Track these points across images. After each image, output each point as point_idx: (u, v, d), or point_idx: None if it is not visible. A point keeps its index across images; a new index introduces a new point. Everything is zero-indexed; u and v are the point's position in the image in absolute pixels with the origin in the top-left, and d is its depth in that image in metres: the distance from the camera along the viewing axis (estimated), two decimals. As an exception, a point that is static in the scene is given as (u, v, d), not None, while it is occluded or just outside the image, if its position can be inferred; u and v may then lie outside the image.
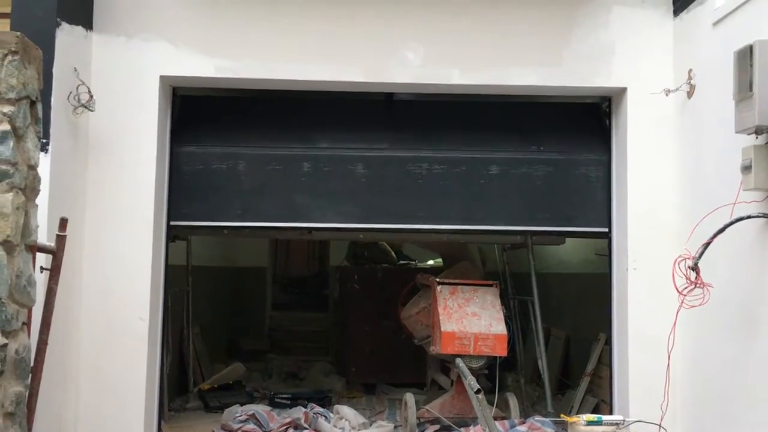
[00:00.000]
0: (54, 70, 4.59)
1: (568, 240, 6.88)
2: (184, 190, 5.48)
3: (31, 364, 3.90)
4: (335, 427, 5.80)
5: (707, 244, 4.12)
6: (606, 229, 5.51)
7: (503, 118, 5.67)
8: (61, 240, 4.19)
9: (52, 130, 4.57)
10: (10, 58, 3.58)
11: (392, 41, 5.26)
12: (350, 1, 5.25)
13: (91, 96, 4.91)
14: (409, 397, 5.95)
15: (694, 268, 4.12)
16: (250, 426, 5.60)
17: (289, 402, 6.61)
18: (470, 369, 5.54)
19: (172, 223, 5.43)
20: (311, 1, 5.24)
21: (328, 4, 5.24)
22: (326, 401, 6.75)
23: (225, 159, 5.50)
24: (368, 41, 5.26)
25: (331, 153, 5.52)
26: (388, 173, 5.55)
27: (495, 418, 5.34)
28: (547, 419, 5.66)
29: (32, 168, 3.80)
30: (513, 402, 5.93)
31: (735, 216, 4.07)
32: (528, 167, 5.58)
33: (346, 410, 6.06)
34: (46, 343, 4.06)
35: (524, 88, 5.40)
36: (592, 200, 5.56)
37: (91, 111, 4.94)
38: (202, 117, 5.59)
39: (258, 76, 5.24)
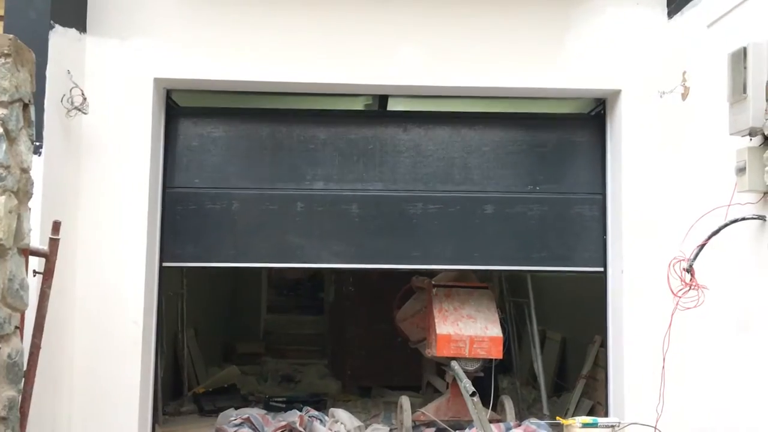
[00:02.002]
0: (47, 73, 4.58)
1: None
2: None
3: (24, 368, 3.87)
4: (330, 430, 5.78)
5: (702, 246, 4.13)
6: (601, 269, 5.50)
7: (497, 155, 5.60)
8: (54, 243, 4.17)
9: (45, 133, 4.55)
10: (2, 60, 3.56)
11: (386, 42, 5.24)
12: (347, 4, 5.24)
13: (85, 98, 4.90)
14: (405, 400, 5.95)
15: (689, 269, 4.12)
16: (245, 429, 5.58)
17: (284, 405, 6.60)
18: (466, 372, 5.54)
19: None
20: (307, 4, 5.23)
21: (324, 7, 5.23)
22: (321, 404, 6.74)
23: (217, 199, 5.50)
24: (364, 44, 5.24)
25: (325, 193, 5.49)
26: (382, 213, 5.52)
27: (490, 421, 5.34)
28: (542, 422, 5.66)
29: (25, 171, 3.78)
30: (508, 404, 5.93)
31: (730, 218, 4.08)
32: (523, 206, 5.54)
33: (341, 413, 6.05)
34: (39, 347, 4.04)
35: (518, 90, 5.40)
36: (588, 238, 5.52)
37: (85, 113, 4.92)
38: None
39: (252, 78, 5.22)
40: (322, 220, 5.47)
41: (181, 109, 5.59)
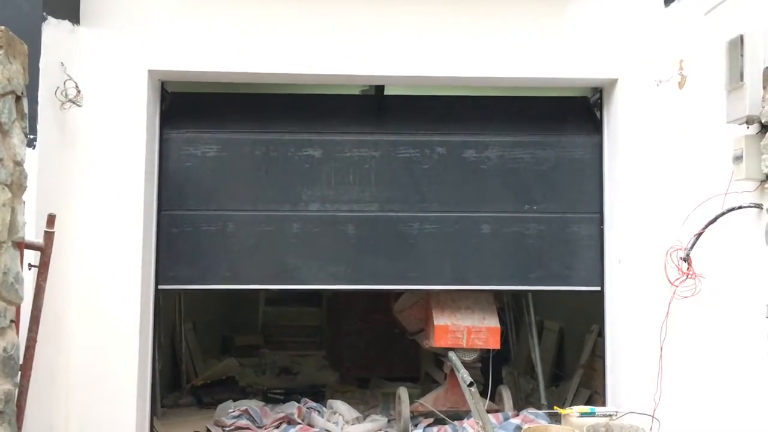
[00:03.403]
0: (41, 65, 4.56)
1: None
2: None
3: (20, 362, 3.86)
4: (328, 421, 5.79)
5: (699, 235, 4.12)
6: (599, 288, 5.50)
7: (494, 176, 5.57)
8: (49, 236, 4.16)
9: (39, 126, 4.53)
10: (-6, 52, 3.54)
11: (382, 32, 5.22)
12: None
13: (79, 91, 4.87)
14: (403, 391, 5.95)
15: (686, 258, 4.12)
16: (244, 421, 5.59)
17: (282, 397, 6.60)
18: (463, 362, 5.54)
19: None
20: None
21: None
22: (320, 396, 6.74)
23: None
24: (359, 32, 5.22)
25: (321, 214, 5.48)
26: (378, 233, 5.50)
27: (488, 411, 5.34)
28: (540, 411, 5.67)
29: (18, 164, 3.76)
30: (506, 395, 5.93)
31: (726, 206, 4.07)
32: (520, 226, 5.52)
33: (339, 405, 6.06)
34: (35, 341, 4.04)
35: (514, 79, 5.38)
36: (585, 258, 5.51)
37: (79, 106, 4.89)
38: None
39: (246, 70, 5.20)
40: (318, 241, 5.45)
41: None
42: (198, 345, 8.10)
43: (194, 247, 5.40)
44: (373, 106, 5.77)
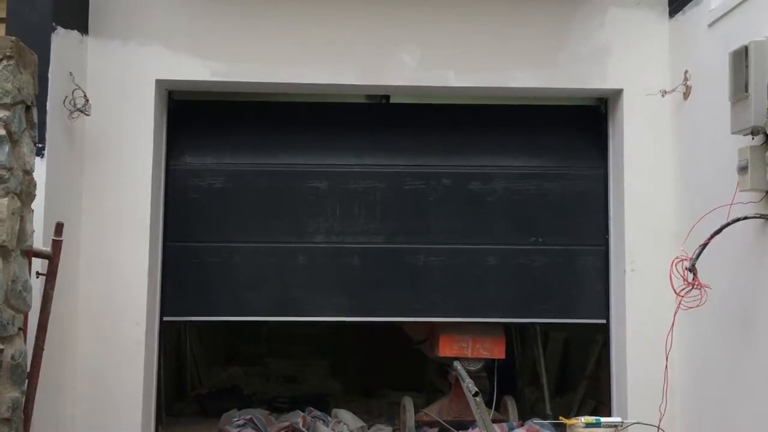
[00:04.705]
0: (49, 75, 4.58)
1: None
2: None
3: (28, 370, 3.88)
4: (333, 430, 5.78)
5: (704, 245, 4.12)
6: (604, 321, 5.50)
7: (497, 207, 5.57)
8: (57, 245, 4.18)
9: (47, 135, 4.55)
10: (5, 62, 3.58)
11: (388, 43, 5.25)
12: (348, 6, 5.24)
13: (87, 100, 4.90)
14: (408, 401, 5.94)
15: (692, 269, 4.11)
16: (248, 430, 5.58)
17: (287, 406, 6.59)
18: (468, 372, 5.53)
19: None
20: (307, 5, 5.23)
21: (325, 8, 5.23)
22: (324, 405, 6.73)
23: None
24: (365, 44, 5.25)
25: (327, 245, 5.48)
26: (384, 265, 5.49)
27: (493, 421, 5.32)
28: (545, 422, 5.65)
29: (28, 173, 3.79)
30: (511, 404, 5.92)
31: (732, 217, 4.07)
32: (526, 258, 5.52)
33: (344, 414, 6.05)
34: (42, 349, 4.05)
35: (520, 90, 5.40)
36: (591, 291, 5.51)
37: (87, 115, 4.93)
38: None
39: (253, 80, 5.24)
40: (323, 273, 5.46)
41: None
42: (203, 353, 8.11)
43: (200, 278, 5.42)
44: (382, 138, 5.70)
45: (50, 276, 4.15)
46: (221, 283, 5.42)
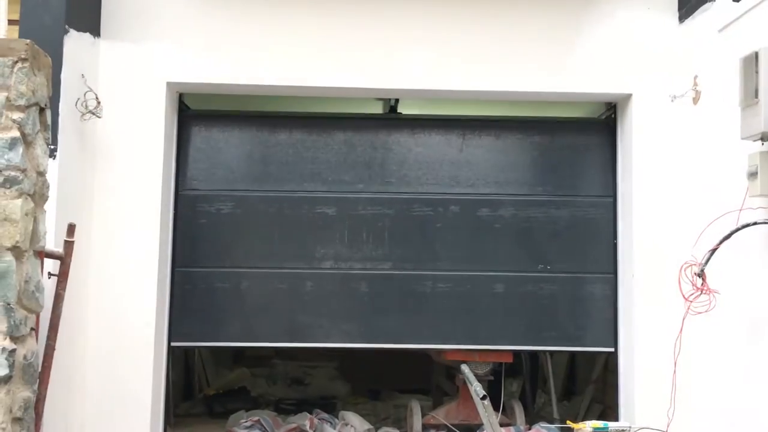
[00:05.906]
0: (62, 77, 4.61)
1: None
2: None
3: (39, 370, 3.91)
4: (340, 433, 5.79)
5: (713, 251, 4.12)
6: (612, 349, 5.52)
7: (505, 234, 5.57)
8: (69, 246, 4.21)
9: (60, 137, 4.59)
10: (20, 65, 3.61)
11: (396, 46, 5.27)
12: (359, 8, 5.26)
13: (99, 102, 4.94)
14: (415, 404, 5.95)
15: (701, 274, 4.11)
16: (256, 432, 5.61)
17: (294, 408, 6.61)
18: (476, 375, 5.54)
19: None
20: (318, 7, 5.26)
21: (336, 10, 5.25)
22: (331, 407, 6.75)
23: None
24: (375, 47, 5.27)
25: (335, 271, 5.50)
26: (391, 291, 5.51)
27: (501, 425, 5.33)
28: (552, 426, 5.65)
29: (41, 174, 3.82)
30: (518, 408, 5.92)
31: (741, 222, 4.07)
32: (533, 285, 5.53)
33: (351, 416, 6.06)
34: (53, 349, 4.08)
35: (528, 94, 5.41)
36: (599, 317, 5.52)
37: (99, 117, 4.96)
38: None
39: (264, 83, 5.26)
40: (331, 299, 5.49)
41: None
42: (210, 354, 8.13)
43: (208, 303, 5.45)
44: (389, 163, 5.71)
45: (62, 276, 4.18)
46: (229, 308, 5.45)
